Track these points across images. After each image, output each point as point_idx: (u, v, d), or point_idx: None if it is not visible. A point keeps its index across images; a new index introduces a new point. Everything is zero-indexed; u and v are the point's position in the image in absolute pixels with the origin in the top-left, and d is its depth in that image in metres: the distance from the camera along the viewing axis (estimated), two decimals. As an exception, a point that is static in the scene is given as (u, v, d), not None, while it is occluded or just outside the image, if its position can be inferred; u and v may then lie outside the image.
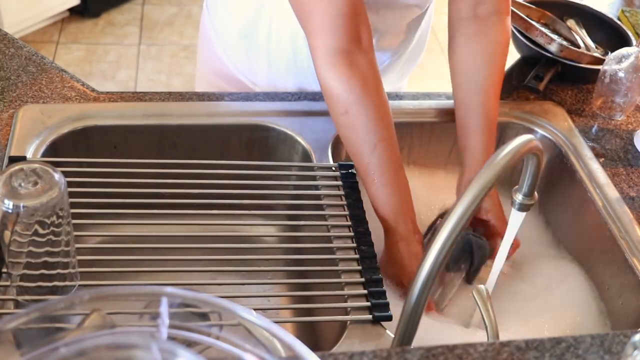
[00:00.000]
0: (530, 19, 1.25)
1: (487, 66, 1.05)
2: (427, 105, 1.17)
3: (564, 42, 1.24)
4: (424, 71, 2.68)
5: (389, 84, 1.26)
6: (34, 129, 1.01)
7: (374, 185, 0.94)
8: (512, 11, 1.21)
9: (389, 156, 0.94)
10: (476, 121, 1.02)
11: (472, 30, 1.06)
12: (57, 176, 0.72)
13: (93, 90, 1.10)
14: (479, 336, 0.93)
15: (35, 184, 0.71)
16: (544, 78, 1.22)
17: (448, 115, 1.16)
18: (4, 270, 0.80)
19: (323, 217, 0.96)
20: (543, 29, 1.24)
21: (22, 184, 0.70)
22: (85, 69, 2.78)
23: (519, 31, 1.26)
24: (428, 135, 1.16)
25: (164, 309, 0.59)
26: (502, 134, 1.18)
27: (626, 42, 1.28)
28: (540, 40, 1.22)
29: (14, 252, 0.74)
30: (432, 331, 0.93)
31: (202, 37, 1.28)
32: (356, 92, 0.92)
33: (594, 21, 1.34)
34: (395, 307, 0.84)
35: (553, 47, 1.22)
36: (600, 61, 1.24)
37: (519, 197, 0.81)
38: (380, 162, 0.93)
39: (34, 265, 0.76)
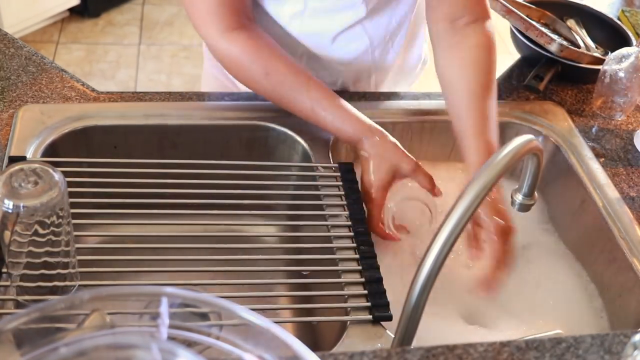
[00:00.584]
0: (530, 19, 1.25)
1: (470, 69, 1.03)
2: (428, 105, 1.17)
3: (564, 42, 1.24)
4: (423, 71, 2.68)
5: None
6: (34, 129, 1.01)
7: (327, 117, 0.98)
8: (512, 11, 1.21)
9: (322, 88, 0.99)
10: (472, 126, 1.00)
11: (453, 39, 1.05)
12: (57, 176, 0.72)
13: (93, 90, 1.10)
14: (479, 337, 0.93)
15: (35, 184, 0.71)
16: (544, 78, 1.22)
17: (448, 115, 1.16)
18: (4, 270, 0.80)
19: (323, 217, 0.96)
20: (543, 29, 1.24)
21: (22, 184, 0.70)
22: (85, 68, 2.78)
23: (519, 31, 1.26)
24: (428, 135, 1.16)
25: (164, 309, 0.59)
26: (502, 133, 1.18)
27: (626, 42, 1.28)
28: (541, 40, 1.22)
29: (14, 252, 0.74)
30: (432, 331, 0.93)
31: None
32: (267, 52, 0.97)
33: (594, 21, 1.34)
34: (396, 307, 0.84)
35: (553, 47, 1.21)
36: (600, 61, 1.24)
37: (519, 197, 0.81)
38: (319, 96, 0.98)
39: (34, 265, 0.76)
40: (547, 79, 1.22)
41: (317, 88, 0.98)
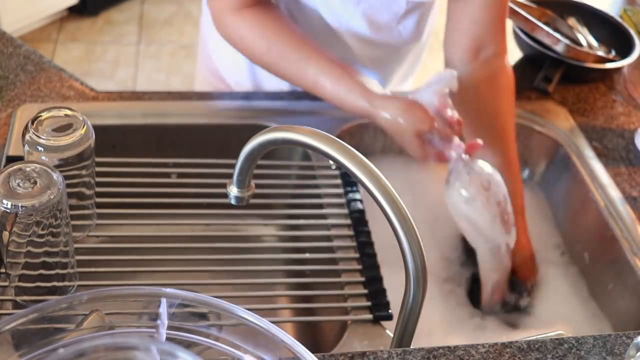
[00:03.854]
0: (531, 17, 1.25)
1: (499, 114, 1.04)
2: (428, 105, 1.17)
3: (567, 42, 1.23)
4: (424, 70, 2.68)
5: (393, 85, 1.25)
6: (32, 128, 1.00)
7: (329, 89, 0.96)
8: (516, 12, 1.21)
9: (328, 57, 0.95)
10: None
11: (479, 77, 1.04)
12: (56, 176, 0.71)
13: (92, 89, 1.09)
14: (481, 337, 0.93)
15: (34, 184, 0.70)
16: (552, 79, 1.21)
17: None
18: (2, 270, 0.79)
19: (323, 217, 0.96)
20: (548, 29, 1.23)
21: (21, 184, 0.70)
22: (84, 68, 2.77)
23: (522, 31, 1.26)
24: (429, 135, 1.16)
25: (163, 309, 0.58)
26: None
27: (629, 41, 1.27)
28: (547, 40, 1.22)
29: (12, 252, 0.74)
30: (433, 332, 0.93)
31: (201, 37, 1.28)
32: (271, 28, 0.96)
33: (594, 19, 1.33)
34: (396, 307, 0.84)
35: (560, 48, 1.21)
36: (605, 60, 1.23)
37: (233, 190, 0.78)
38: (322, 68, 0.94)
39: (32, 265, 0.75)
40: (556, 80, 1.22)
41: (322, 58, 0.95)
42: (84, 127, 0.79)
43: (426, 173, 1.16)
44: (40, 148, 0.77)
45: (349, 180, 1.00)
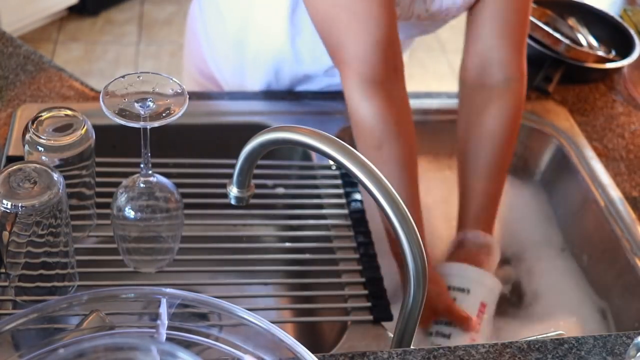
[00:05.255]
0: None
1: (487, 148, 0.98)
2: (429, 105, 1.17)
3: (568, 42, 1.23)
4: (424, 71, 2.67)
5: None
6: (32, 128, 1.00)
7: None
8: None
9: (417, 195, 0.91)
10: (471, 219, 0.96)
11: (477, 99, 0.99)
12: (56, 176, 0.71)
13: (92, 89, 1.09)
14: (481, 338, 0.93)
15: (34, 184, 0.70)
16: (552, 79, 1.21)
17: (449, 114, 1.16)
18: (2, 270, 0.79)
19: (323, 217, 0.96)
20: (548, 29, 1.23)
21: (21, 184, 0.70)
22: (84, 67, 2.77)
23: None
24: (430, 134, 1.16)
25: (163, 309, 0.58)
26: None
27: (629, 41, 1.27)
28: (547, 41, 1.22)
29: (12, 252, 0.74)
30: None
31: (191, 38, 1.24)
32: (391, 125, 0.89)
33: (594, 19, 1.34)
34: (396, 307, 0.84)
35: (560, 48, 1.21)
36: (605, 60, 1.23)
37: (233, 191, 0.77)
38: (412, 201, 0.90)
39: (32, 265, 0.75)
40: (556, 80, 1.21)
41: (414, 190, 0.91)
42: (84, 127, 0.79)
43: (426, 173, 1.16)
44: (40, 148, 0.77)
45: (349, 180, 1.00)
